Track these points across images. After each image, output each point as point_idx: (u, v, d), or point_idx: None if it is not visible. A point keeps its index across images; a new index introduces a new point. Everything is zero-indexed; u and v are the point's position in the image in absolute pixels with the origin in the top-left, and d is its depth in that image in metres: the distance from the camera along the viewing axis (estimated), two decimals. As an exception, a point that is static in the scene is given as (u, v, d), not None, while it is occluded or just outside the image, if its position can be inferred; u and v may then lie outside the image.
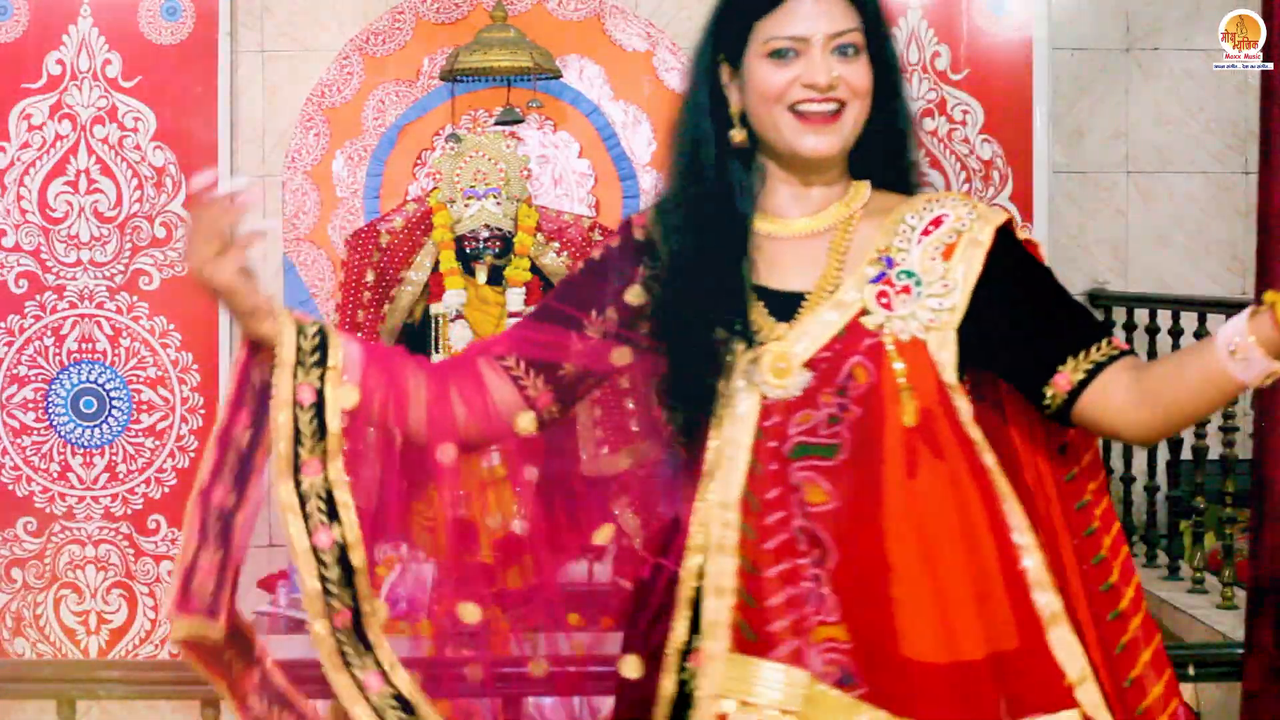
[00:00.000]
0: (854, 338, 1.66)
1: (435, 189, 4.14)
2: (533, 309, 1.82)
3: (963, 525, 1.63)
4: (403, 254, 4.08)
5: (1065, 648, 1.65)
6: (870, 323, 1.66)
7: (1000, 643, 1.62)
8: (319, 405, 1.65)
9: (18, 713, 4.64)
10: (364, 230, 4.18)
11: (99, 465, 5.00)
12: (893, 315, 1.66)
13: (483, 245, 4.03)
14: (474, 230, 4.03)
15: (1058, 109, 5.25)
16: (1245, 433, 3.98)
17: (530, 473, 1.76)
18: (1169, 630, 4.21)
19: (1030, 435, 1.75)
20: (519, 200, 4.08)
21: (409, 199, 4.57)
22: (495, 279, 4.08)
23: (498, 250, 4.05)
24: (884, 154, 1.75)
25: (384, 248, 4.08)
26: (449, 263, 4.02)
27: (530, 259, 4.07)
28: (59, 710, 2.42)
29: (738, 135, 1.72)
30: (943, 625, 1.60)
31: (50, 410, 4.98)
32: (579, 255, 4.11)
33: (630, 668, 1.69)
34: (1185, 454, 4.61)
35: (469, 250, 4.05)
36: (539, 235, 4.09)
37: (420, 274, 4.07)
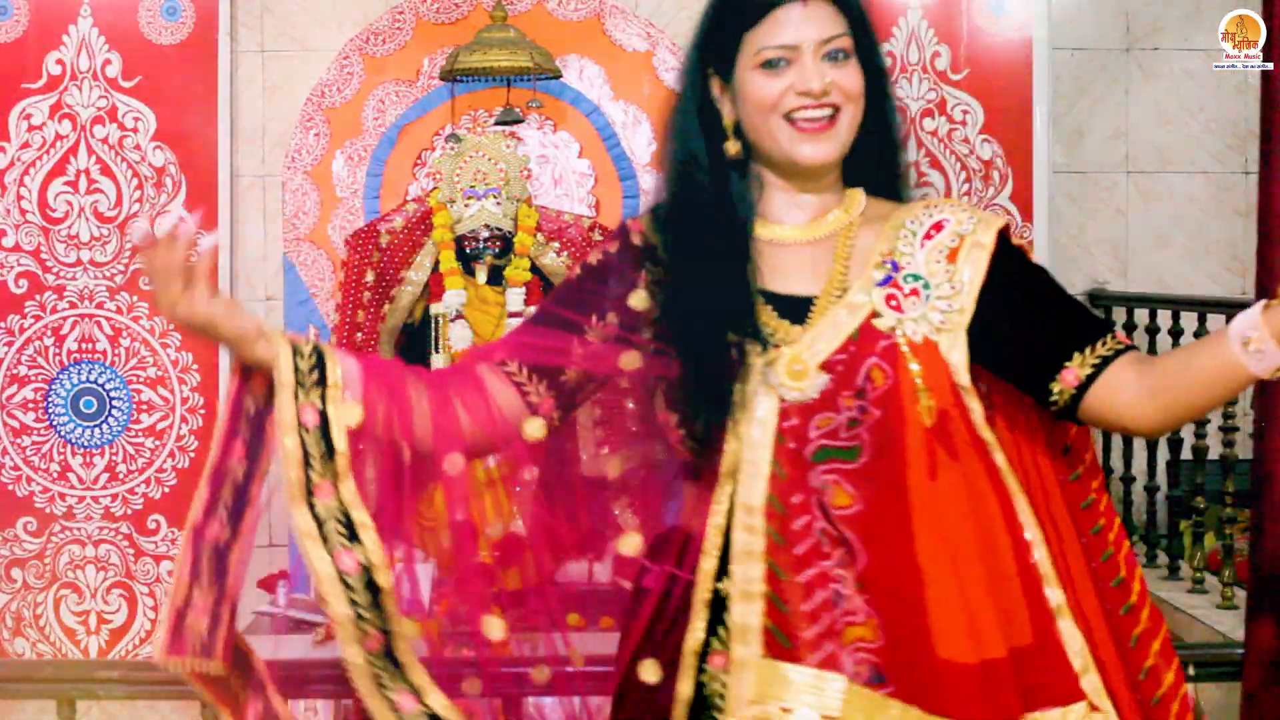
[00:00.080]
0: (868, 339, 1.67)
1: (435, 189, 4.14)
2: (531, 314, 1.81)
3: (980, 524, 1.66)
4: (403, 254, 4.07)
5: (1072, 639, 1.69)
6: (883, 325, 1.67)
7: (1018, 638, 1.65)
8: (324, 426, 1.61)
9: (18, 713, 4.64)
10: (364, 230, 4.18)
11: (99, 465, 5.00)
12: (904, 317, 1.68)
13: (483, 245, 4.03)
14: (474, 230, 4.02)
15: (1058, 109, 5.25)
16: (1245, 433, 3.98)
17: (530, 473, 1.76)
18: (1169, 630, 4.21)
19: (1028, 434, 1.76)
20: (519, 200, 4.08)
21: (409, 199, 4.57)
22: (495, 279, 4.07)
23: (498, 250, 4.05)
24: (875, 159, 1.77)
25: (384, 248, 4.08)
26: (449, 263, 4.02)
27: (530, 259, 4.07)
28: (59, 710, 2.42)
29: (733, 148, 1.73)
30: (970, 624, 1.62)
31: (50, 410, 4.98)
32: (579, 255, 4.11)
33: (649, 672, 1.69)
34: (1185, 454, 4.61)
35: (469, 250, 4.04)
36: (539, 235, 4.09)
37: (420, 274, 4.06)
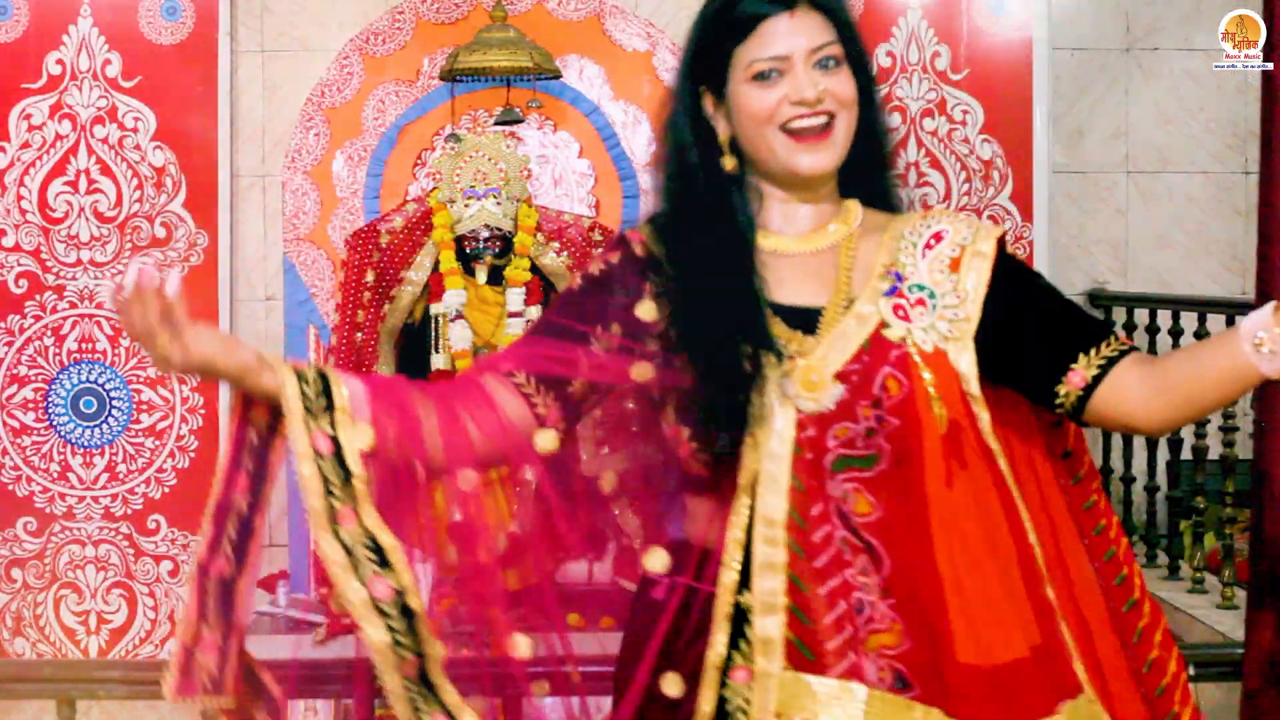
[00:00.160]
0: (880, 349, 1.68)
1: (435, 189, 4.14)
2: (532, 324, 1.80)
3: (991, 530, 1.67)
4: (403, 254, 4.07)
5: (1067, 635, 1.71)
6: (893, 335, 1.68)
7: (1031, 639, 1.66)
8: (338, 451, 1.60)
9: (18, 713, 4.64)
10: (364, 230, 4.17)
11: (99, 465, 5.00)
12: (913, 327, 1.69)
13: (483, 245, 4.03)
14: (474, 230, 4.02)
15: (1058, 109, 5.25)
16: (1245, 433, 3.98)
17: (529, 473, 1.75)
18: (1169, 630, 4.21)
19: (1025, 438, 1.77)
20: (519, 200, 4.08)
21: (409, 199, 4.57)
22: (495, 279, 4.07)
23: (498, 250, 4.05)
24: (866, 168, 1.77)
25: (384, 248, 4.08)
26: (449, 263, 4.02)
27: (530, 259, 4.07)
28: (59, 710, 2.42)
29: (729, 163, 1.74)
30: (987, 628, 1.63)
31: (50, 410, 4.98)
32: (579, 255, 4.11)
33: (671, 686, 1.68)
34: (1185, 454, 4.61)
35: (469, 250, 4.04)
36: (539, 235, 4.09)
37: (420, 274, 4.06)
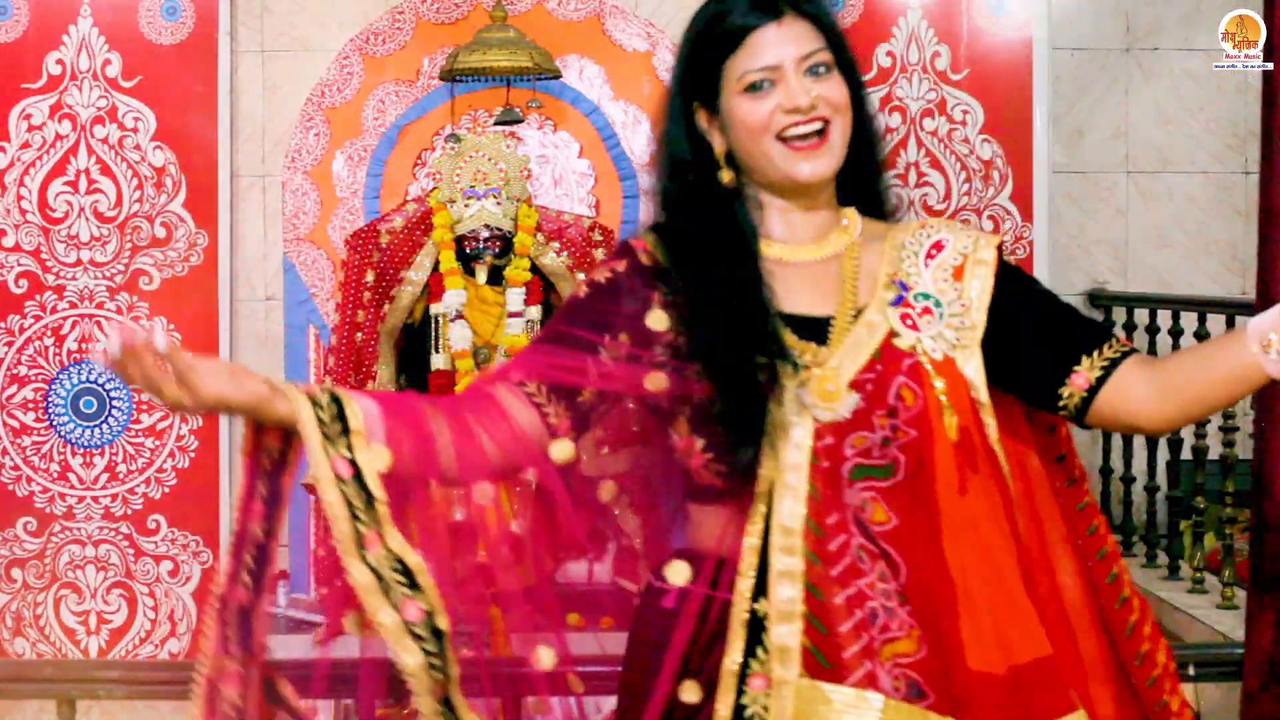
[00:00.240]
0: (892, 358, 1.68)
1: (435, 189, 4.14)
2: (539, 334, 1.78)
3: (998, 537, 1.68)
4: (403, 254, 4.07)
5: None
6: (903, 344, 1.69)
7: (1040, 648, 1.68)
8: (358, 474, 1.59)
9: (18, 713, 4.64)
10: (364, 230, 4.18)
11: (99, 465, 5.00)
12: (922, 335, 1.69)
13: (483, 245, 4.03)
14: (474, 230, 4.02)
15: (1058, 109, 5.25)
16: (1245, 433, 3.98)
17: (529, 473, 1.75)
18: (1169, 630, 4.20)
19: (1022, 444, 1.78)
20: (519, 200, 4.08)
21: (409, 199, 4.57)
22: (495, 279, 4.08)
23: (498, 250, 4.05)
24: (859, 175, 1.77)
25: (384, 248, 4.08)
26: (449, 263, 4.02)
27: (530, 259, 4.07)
28: (59, 710, 2.42)
29: (726, 176, 1.74)
30: (998, 635, 1.64)
31: (50, 410, 4.99)
32: (579, 255, 4.11)
33: (689, 692, 1.68)
34: (1185, 454, 4.61)
35: (469, 250, 4.04)
36: (539, 235, 4.09)
37: (420, 274, 4.06)
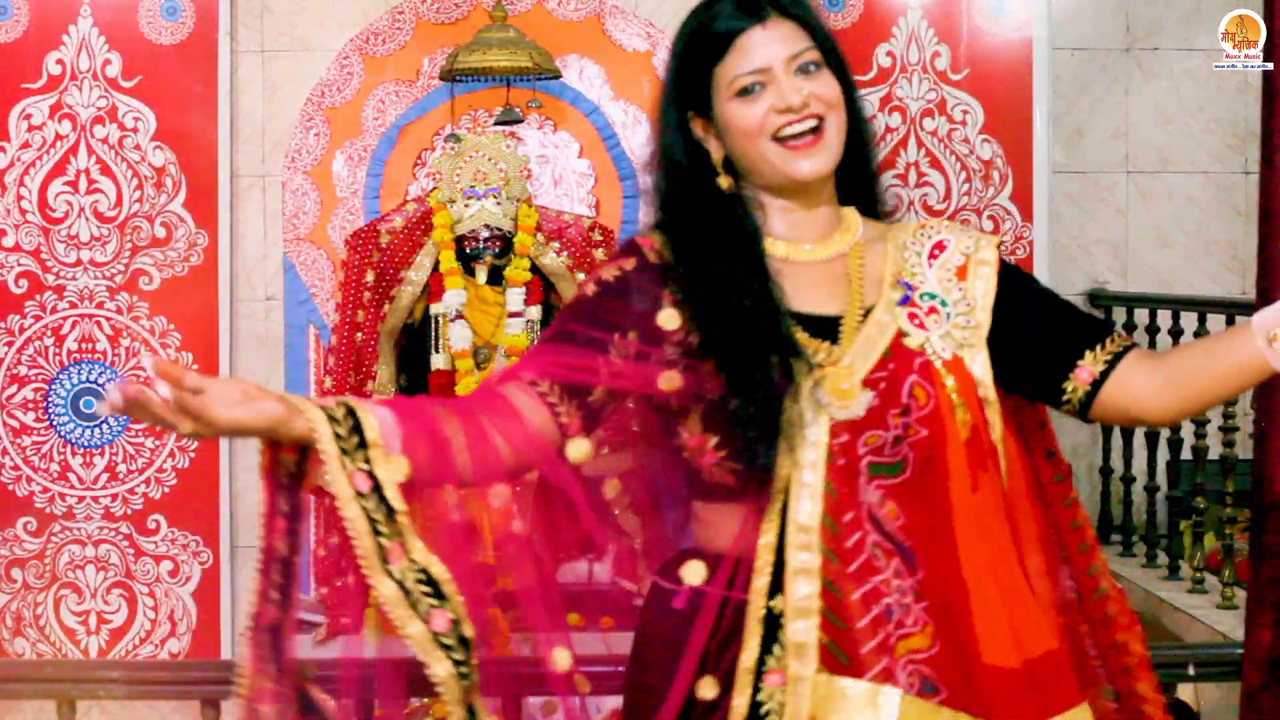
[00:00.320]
0: (902, 357, 1.69)
1: (435, 189, 4.14)
2: (548, 333, 1.77)
3: (1004, 533, 1.70)
4: (403, 254, 4.08)
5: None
6: (912, 343, 1.70)
7: (1049, 641, 1.70)
8: (377, 488, 1.58)
9: (18, 713, 4.64)
10: (364, 230, 4.18)
11: (99, 465, 5.00)
12: (930, 335, 1.70)
13: (483, 245, 4.04)
14: (474, 230, 4.03)
15: (1058, 109, 5.25)
16: (1245, 433, 3.98)
17: (529, 473, 1.75)
18: (1169, 630, 4.21)
19: (1017, 440, 1.80)
20: (519, 200, 4.08)
21: (409, 199, 4.57)
22: (495, 279, 4.08)
23: (498, 250, 4.05)
24: (853, 174, 1.78)
25: (384, 248, 4.08)
26: (449, 263, 4.03)
27: (530, 259, 4.07)
28: (59, 710, 2.42)
29: (725, 182, 1.75)
30: (1011, 628, 1.66)
31: (50, 410, 4.99)
32: (579, 255, 4.11)
33: (707, 688, 1.68)
34: (1185, 454, 4.61)
35: (469, 250, 4.05)
36: (539, 235, 4.10)
37: (420, 274, 4.07)
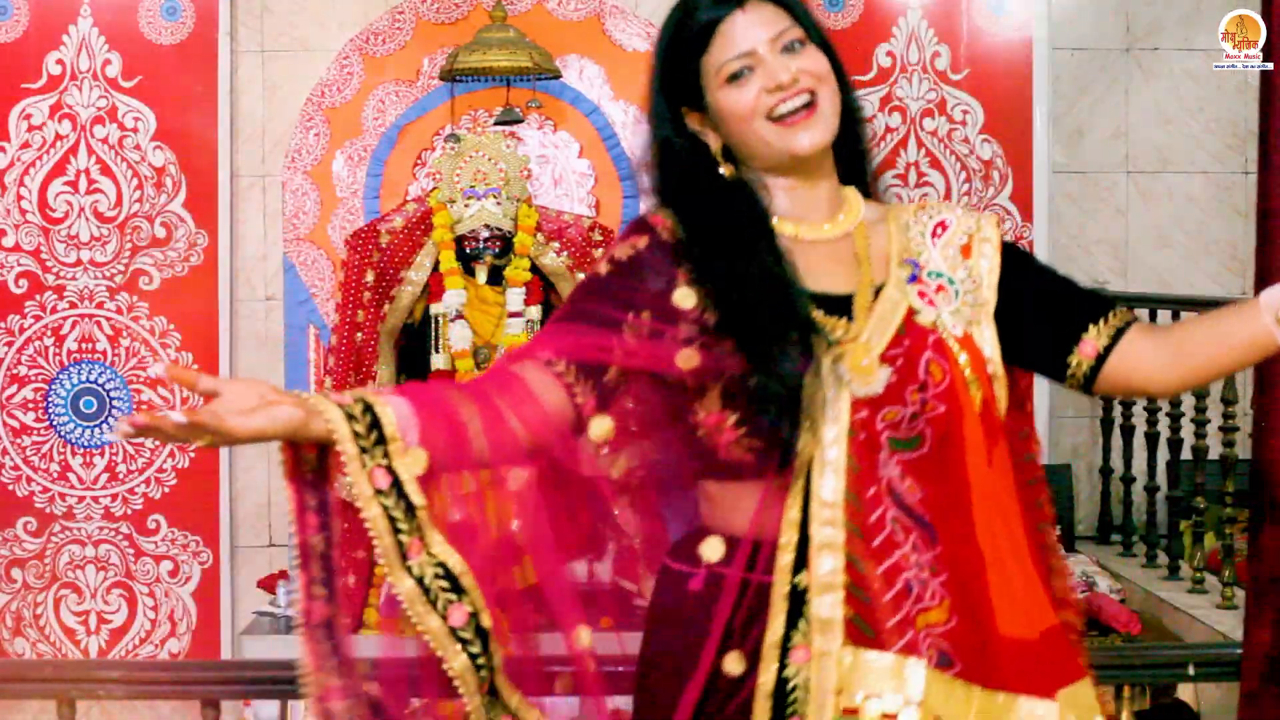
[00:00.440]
0: (916, 334, 1.71)
1: (435, 189, 4.14)
2: (561, 312, 1.76)
3: (1014, 506, 1.73)
4: (403, 254, 4.08)
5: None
6: (924, 320, 1.72)
7: (1056, 611, 1.73)
8: (396, 483, 1.59)
9: (18, 713, 4.64)
10: (364, 230, 4.18)
11: (99, 465, 5.00)
12: (940, 312, 1.72)
13: (483, 245, 4.04)
14: (474, 230, 4.03)
15: (1058, 109, 5.25)
16: (1245, 433, 3.98)
17: (529, 473, 1.75)
18: (1169, 630, 4.20)
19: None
20: (519, 200, 4.08)
21: (409, 199, 4.57)
22: (495, 279, 4.08)
23: (498, 250, 4.05)
24: (844, 155, 1.79)
25: (384, 248, 4.08)
26: (449, 263, 4.02)
27: (530, 259, 4.07)
28: (59, 710, 2.42)
29: (727, 170, 1.76)
30: (1026, 601, 1.69)
31: (50, 410, 4.99)
32: (579, 255, 4.11)
33: (734, 663, 1.69)
34: (1185, 454, 4.60)
35: (469, 250, 4.05)
36: (539, 235, 4.09)
37: (420, 274, 4.07)
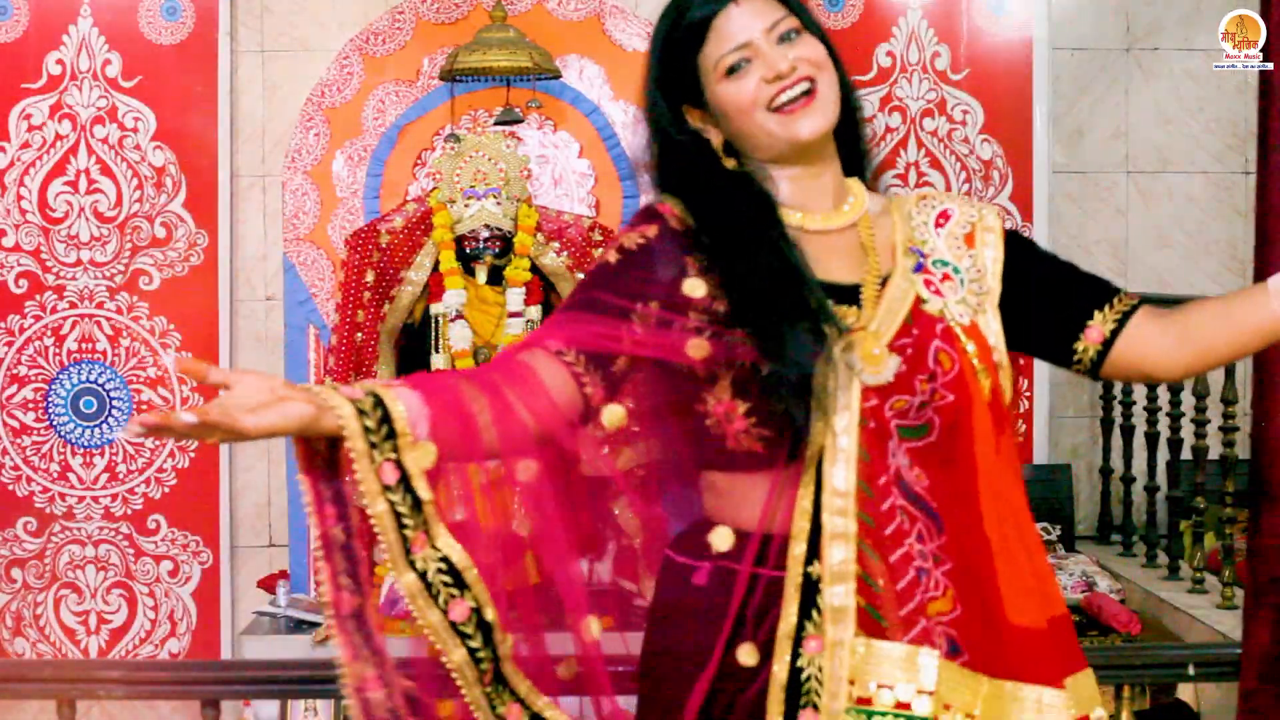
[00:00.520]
0: (924, 323, 1.71)
1: (435, 189, 4.14)
2: (569, 300, 1.75)
3: (1019, 494, 1.74)
4: (403, 254, 4.08)
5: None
6: (931, 309, 1.73)
7: (1061, 600, 1.75)
8: (404, 477, 1.57)
9: (18, 713, 4.65)
10: (364, 230, 4.18)
11: (99, 465, 5.00)
12: (948, 301, 1.74)
13: (483, 245, 4.03)
14: (474, 230, 4.03)
15: (1058, 109, 5.25)
16: (1245, 433, 3.98)
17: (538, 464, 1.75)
18: (1169, 630, 4.20)
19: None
20: (519, 200, 4.08)
21: (409, 199, 4.57)
22: (495, 279, 4.08)
23: (498, 250, 4.05)
24: (843, 144, 1.80)
25: (384, 248, 4.08)
26: (449, 263, 4.02)
27: (530, 259, 4.07)
28: (59, 710, 2.42)
29: (730, 163, 1.77)
30: (1034, 589, 1.70)
31: (50, 410, 4.98)
32: (579, 255, 4.11)
33: (747, 655, 1.70)
34: (1185, 454, 4.60)
35: (469, 250, 4.05)
36: (539, 235, 4.09)
37: (420, 274, 4.07)
